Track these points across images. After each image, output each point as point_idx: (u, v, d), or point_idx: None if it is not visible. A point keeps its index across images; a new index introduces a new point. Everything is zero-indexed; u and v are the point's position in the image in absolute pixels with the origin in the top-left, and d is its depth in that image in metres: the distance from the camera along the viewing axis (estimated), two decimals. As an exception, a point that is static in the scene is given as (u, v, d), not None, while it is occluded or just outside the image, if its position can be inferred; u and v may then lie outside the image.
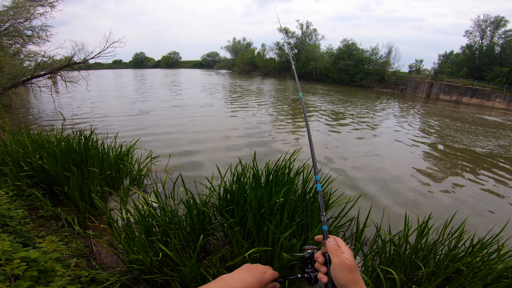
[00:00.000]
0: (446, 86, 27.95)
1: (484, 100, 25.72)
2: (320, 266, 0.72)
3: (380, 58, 40.66)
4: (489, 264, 1.94)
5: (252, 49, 58.84)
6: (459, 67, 34.86)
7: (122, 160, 4.11)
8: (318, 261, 0.73)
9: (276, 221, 2.17)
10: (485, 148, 9.32)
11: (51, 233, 2.45)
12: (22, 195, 3.04)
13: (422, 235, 2.20)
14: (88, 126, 8.00)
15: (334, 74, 41.82)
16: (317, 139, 8.81)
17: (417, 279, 2.13)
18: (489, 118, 17.81)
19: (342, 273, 0.66)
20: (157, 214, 2.38)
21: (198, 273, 1.95)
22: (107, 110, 12.64)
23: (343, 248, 0.71)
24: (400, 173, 6.31)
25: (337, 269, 0.67)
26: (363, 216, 2.50)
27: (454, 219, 2.45)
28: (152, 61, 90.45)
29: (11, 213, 2.13)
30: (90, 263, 2.21)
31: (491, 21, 32.90)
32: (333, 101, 19.72)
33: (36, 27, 12.13)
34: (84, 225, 2.89)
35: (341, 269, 0.67)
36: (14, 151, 3.65)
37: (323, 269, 0.71)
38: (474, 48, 34.59)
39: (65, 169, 3.26)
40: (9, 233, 1.89)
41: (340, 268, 0.67)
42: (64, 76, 12.93)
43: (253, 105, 15.40)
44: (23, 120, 10.13)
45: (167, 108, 13.49)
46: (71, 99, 15.80)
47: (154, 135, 8.34)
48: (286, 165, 3.00)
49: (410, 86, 33.57)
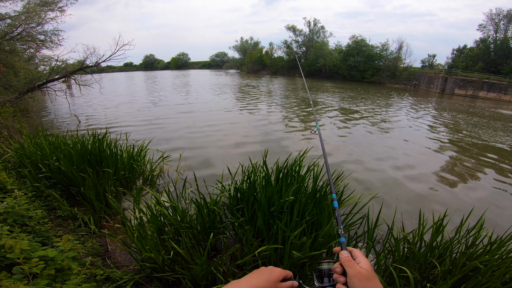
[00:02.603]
0: (461, 80, 27.11)
1: (501, 94, 24.81)
2: (339, 277, 0.73)
3: (391, 53, 39.84)
4: (507, 261, 1.89)
5: (260, 48, 58.73)
6: (474, 61, 33.77)
7: (135, 160, 4.20)
8: (336, 271, 0.74)
9: (286, 219, 2.17)
10: (505, 144, 8.99)
11: (68, 233, 2.53)
12: (41, 196, 3.15)
13: (438, 233, 2.16)
14: (102, 128, 8.20)
15: (344, 71, 41.26)
16: (328, 137, 8.73)
17: (432, 278, 2.09)
18: (508, 113, 17.17)
19: (360, 283, 0.67)
20: (169, 213, 2.42)
21: (208, 271, 1.98)
22: (120, 112, 12.91)
23: (359, 259, 0.72)
24: (415, 170, 6.17)
25: (353, 279, 0.68)
26: (375, 214, 2.47)
27: (472, 216, 2.37)
28: (162, 63, 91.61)
29: (30, 213, 2.21)
30: (105, 262, 2.27)
31: (504, 15, 31.88)
32: (343, 98, 19.46)
33: (48, 32, 12.48)
34: (100, 224, 2.97)
35: (357, 279, 0.68)
36: (32, 153, 3.78)
37: (342, 279, 0.72)
38: (488, 42, 33.51)
39: (80, 170, 3.36)
40: (28, 233, 1.97)
41: (356, 278, 0.68)
42: (77, 79, 13.29)
43: (263, 104, 15.39)
44: (40, 124, 10.46)
45: (178, 109, 13.66)
46: (85, 102, 16.22)
47: (166, 136, 8.46)
48: (296, 163, 2.99)
49: (424, 81, 32.75)
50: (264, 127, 9.81)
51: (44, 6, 12.09)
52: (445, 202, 4.72)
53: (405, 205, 4.53)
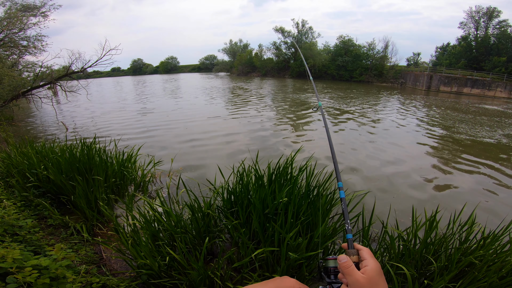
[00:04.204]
0: (446, 78, 27.86)
1: (485, 90, 25.60)
2: (343, 277, 0.68)
3: (378, 52, 40.65)
4: (502, 256, 1.91)
5: (249, 50, 58.89)
6: (457, 59, 34.79)
7: (126, 167, 4.15)
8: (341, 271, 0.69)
9: (281, 221, 2.18)
10: (493, 138, 9.25)
11: (61, 241, 2.48)
12: (30, 205, 3.08)
13: (431, 229, 2.18)
14: (91, 135, 8.06)
15: (332, 71, 41.80)
16: (319, 137, 8.81)
17: (429, 274, 2.11)
18: (492, 108, 17.70)
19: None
20: (163, 218, 2.40)
21: (205, 276, 1.97)
22: (108, 118, 12.70)
23: (366, 261, 0.66)
24: (405, 167, 6.28)
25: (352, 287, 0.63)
26: (369, 212, 2.50)
27: (463, 212, 2.41)
28: (150, 67, 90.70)
29: (20, 222, 2.16)
30: (100, 269, 2.23)
31: (483, 12, 32.85)
32: (333, 97, 19.70)
33: (31, 37, 12.24)
34: (93, 232, 2.92)
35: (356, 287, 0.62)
36: (19, 163, 3.69)
37: (345, 280, 0.67)
38: (470, 39, 34.53)
39: (70, 178, 3.30)
40: (19, 242, 1.92)
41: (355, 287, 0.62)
42: (63, 86, 13.03)
43: (254, 106, 15.42)
44: (26, 132, 10.20)
45: (169, 113, 13.54)
46: (72, 109, 15.90)
47: (157, 141, 8.38)
48: (288, 163, 3.01)
49: (410, 79, 33.48)
50: (257, 130, 9.82)
51: (26, 11, 11.85)
52: (437, 198, 4.82)
53: (398, 202, 4.60)
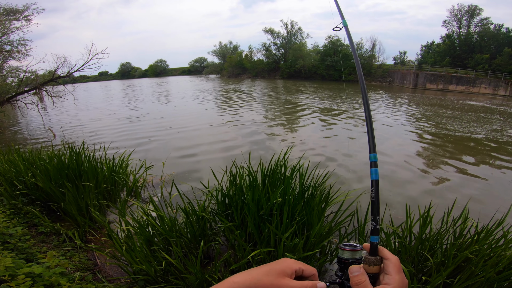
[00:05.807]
0: (432, 75, 28.53)
1: (470, 87, 26.32)
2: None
3: (365, 52, 41.26)
4: (497, 251, 1.92)
5: (239, 52, 58.87)
6: (442, 57, 35.68)
7: (117, 172, 4.08)
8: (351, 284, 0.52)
9: (276, 222, 2.18)
10: (481, 134, 9.49)
11: (53, 248, 2.42)
12: (19, 213, 3.02)
13: (426, 225, 2.19)
14: (79, 141, 7.89)
15: (322, 71, 42.18)
16: (309, 136, 8.88)
17: (426, 270, 2.11)
18: (477, 104, 18.20)
19: None
20: (157, 223, 2.37)
21: (203, 280, 1.95)
22: (96, 124, 12.46)
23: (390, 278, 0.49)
24: (396, 165, 6.38)
25: None
26: (364, 210, 2.52)
27: (455, 207, 2.42)
28: (139, 71, 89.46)
29: (10, 230, 2.12)
30: (95, 276, 2.19)
31: (465, 10, 33.81)
32: (323, 97, 19.88)
33: (15, 42, 11.94)
34: (86, 238, 2.86)
35: None
36: (6, 170, 3.59)
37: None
38: (453, 38, 35.46)
39: (59, 185, 3.23)
40: (10, 250, 1.88)
41: None
42: (49, 91, 12.70)
43: (245, 107, 15.42)
44: (12, 139, 9.91)
45: (159, 117, 13.38)
46: (59, 115, 15.53)
47: (147, 146, 8.28)
48: (280, 164, 3.01)
49: (397, 77, 34.15)
50: (249, 132, 9.82)
51: (8, 15, 11.54)
52: (429, 194, 4.90)
53: (393, 199, 4.66)
